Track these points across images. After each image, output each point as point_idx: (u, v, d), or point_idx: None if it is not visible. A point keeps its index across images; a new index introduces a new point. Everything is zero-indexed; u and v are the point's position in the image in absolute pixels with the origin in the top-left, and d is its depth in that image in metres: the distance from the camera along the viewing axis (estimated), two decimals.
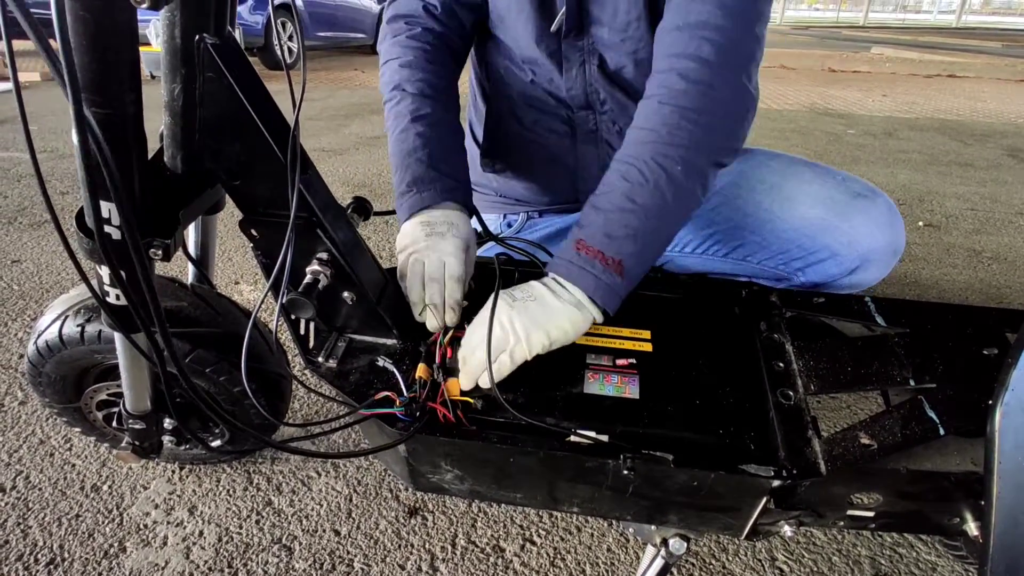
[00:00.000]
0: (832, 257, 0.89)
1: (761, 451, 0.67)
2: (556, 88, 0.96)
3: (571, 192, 1.08)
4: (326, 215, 0.70)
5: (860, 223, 0.88)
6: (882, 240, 0.88)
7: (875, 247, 0.88)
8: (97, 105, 0.51)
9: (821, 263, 0.91)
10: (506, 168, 1.08)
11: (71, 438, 1.12)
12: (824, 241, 0.90)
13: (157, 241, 0.62)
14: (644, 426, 0.69)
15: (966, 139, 3.75)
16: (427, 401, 0.70)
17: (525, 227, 1.14)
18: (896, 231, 0.89)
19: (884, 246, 0.88)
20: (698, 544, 0.92)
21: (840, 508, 0.69)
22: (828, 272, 0.91)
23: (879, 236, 0.88)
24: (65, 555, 0.90)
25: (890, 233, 0.88)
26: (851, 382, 0.71)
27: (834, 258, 0.89)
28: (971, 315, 0.76)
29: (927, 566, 0.90)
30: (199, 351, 0.85)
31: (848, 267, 0.89)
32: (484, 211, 1.15)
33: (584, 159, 1.03)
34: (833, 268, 0.90)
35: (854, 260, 0.89)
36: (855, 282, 0.92)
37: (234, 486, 1.02)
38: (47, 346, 0.86)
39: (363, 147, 3.20)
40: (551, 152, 1.03)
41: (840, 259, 0.89)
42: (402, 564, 0.89)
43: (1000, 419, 0.57)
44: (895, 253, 0.90)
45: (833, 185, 0.92)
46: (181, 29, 0.56)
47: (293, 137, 0.64)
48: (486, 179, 1.13)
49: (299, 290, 0.69)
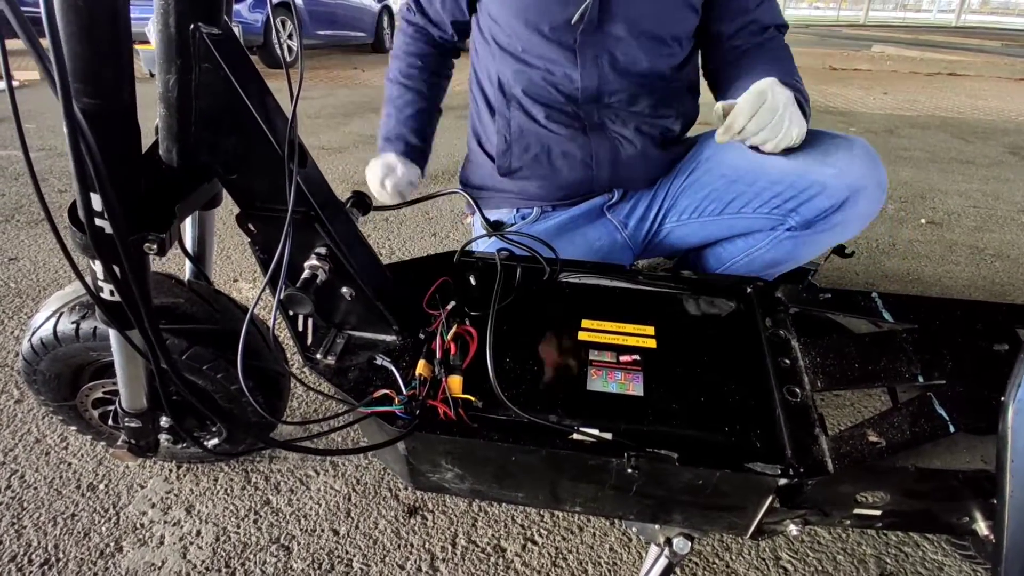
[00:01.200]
0: (823, 191, 0.93)
1: (767, 449, 0.66)
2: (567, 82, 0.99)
3: (585, 185, 1.10)
4: (324, 209, 0.69)
5: (843, 157, 0.93)
6: (865, 170, 0.92)
7: (860, 177, 0.92)
8: (89, 96, 0.50)
9: (812, 199, 0.95)
10: (522, 170, 1.10)
11: (67, 436, 1.10)
12: (813, 177, 0.94)
13: (152, 235, 0.61)
14: (648, 424, 0.68)
15: (967, 137, 3.74)
16: (427, 399, 0.69)
17: (540, 219, 1.14)
18: (877, 166, 0.93)
19: (869, 175, 0.92)
20: (701, 543, 0.91)
21: (847, 507, 0.68)
22: (820, 207, 0.94)
23: (863, 167, 0.92)
24: (60, 555, 0.89)
25: (872, 166, 0.93)
26: (858, 379, 0.70)
27: (824, 191, 0.93)
28: (980, 311, 0.75)
29: (934, 565, 0.89)
30: (196, 348, 0.83)
31: (839, 198, 0.93)
32: (497, 207, 1.17)
33: (597, 151, 1.05)
34: (824, 202, 0.94)
35: (843, 191, 0.92)
36: (847, 218, 0.95)
37: (232, 485, 1.01)
38: (42, 343, 0.84)
39: (363, 145, 3.19)
40: (565, 148, 1.05)
41: (830, 191, 0.93)
42: (401, 564, 0.88)
43: (1013, 416, 0.56)
44: (880, 186, 0.94)
45: (814, 134, 0.98)
46: (175, 18, 0.55)
47: (291, 129, 0.63)
48: (501, 183, 1.14)
49: (297, 285, 0.68)
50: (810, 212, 0.96)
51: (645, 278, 0.88)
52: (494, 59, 1.03)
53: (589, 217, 1.12)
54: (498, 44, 1.01)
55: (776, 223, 1.00)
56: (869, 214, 0.96)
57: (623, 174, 1.09)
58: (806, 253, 1.03)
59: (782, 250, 1.02)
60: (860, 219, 0.96)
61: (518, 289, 0.85)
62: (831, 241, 1.00)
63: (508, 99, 1.03)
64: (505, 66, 1.01)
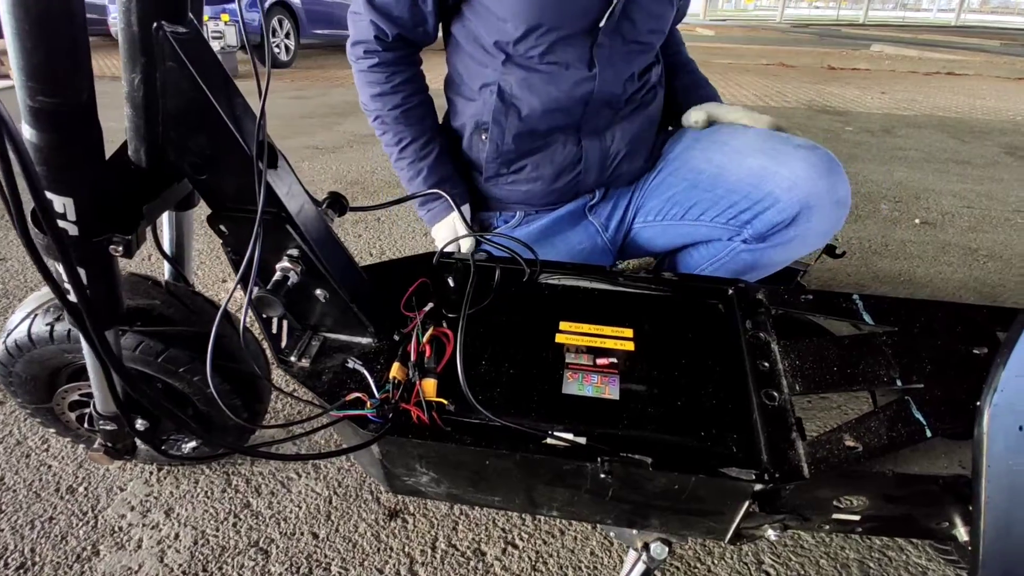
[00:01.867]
0: (774, 204, 0.91)
1: (744, 454, 0.65)
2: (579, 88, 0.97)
3: (572, 191, 1.09)
4: (296, 211, 0.68)
5: (799, 168, 0.90)
6: (821, 185, 0.89)
7: (814, 192, 0.89)
8: (45, 94, 0.49)
9: (765, 212, 0.93)
10: (510, 176, 1.08)
11: (49, 439, 1.10)
12: (767, 188, 0.92)
13: (117, 237, 0.60)
14: (623, 428, 0.67)
15: (964, 137, 3.73)
16: (400, 402, 0.68)
17: (522, 223, 1.13)
18: (836, 179, 0.90)
19: (824, 191, 0.89)
20: (683, 548, 0.91)
21: (825, 512, 0.67)
22: (771, 220, 0.92)
23: (818, 181, 0.89)
24: (36, 559, 0.88)
25: (829, 179, 0.90)
26: (837, 382, 0.69)
27: (776, 205, 0.91)
28: (961, 313, 0.74)
29: (917, 570, 0.88)
30: (171, 350, 0.82)
31: (789, 214, 0.91)
32: (480, 209, 1.15)
33: (588, 153, 1.04)
34: (775, 216, 0.92)
35: (794, 206, 0.90)
36: (800, 233, 0.92)
37: (212, 488, 1.00)
38: (16, 345, 0.84)
39: (356, 144, 3.18)
40: (559, 154, 1.04)
41: (781, 206, 0.91)
42: (380, 568, 0.87)
43: (988, 421, 0.55)
44: (838, 203, 0.91)
45: (778, 140, 0.96)
46: (138, 16, 0.54)
47: (260, 129, 0.62)
48: (484, 188, 1.11)
49: (267, 287, 0.67)
50: (763, 226, 0.94)
51: (625, 280, 0.87)
52: (493, 68, 0.98)
53: (571, 220, 1.10)
54: (503, 49, 0.95)
55: (732, 234, 0.99)
56: (825, 231, 0.93)
57: (611, 173, 1.08)
58: (769, 265, 1.01)
59: (741, 263, 1.01)
60: (817, 235, 0.93)
61: (496, 291, 0.85)
62: (789, 256, 0.98)
63: (507, 107, 0.98)
64: (510, 74, 0.96)
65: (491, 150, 1.03)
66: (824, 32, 14.39)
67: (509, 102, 0.98)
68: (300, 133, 3.37)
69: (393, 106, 1.01)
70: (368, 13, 0.95)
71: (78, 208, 0.57)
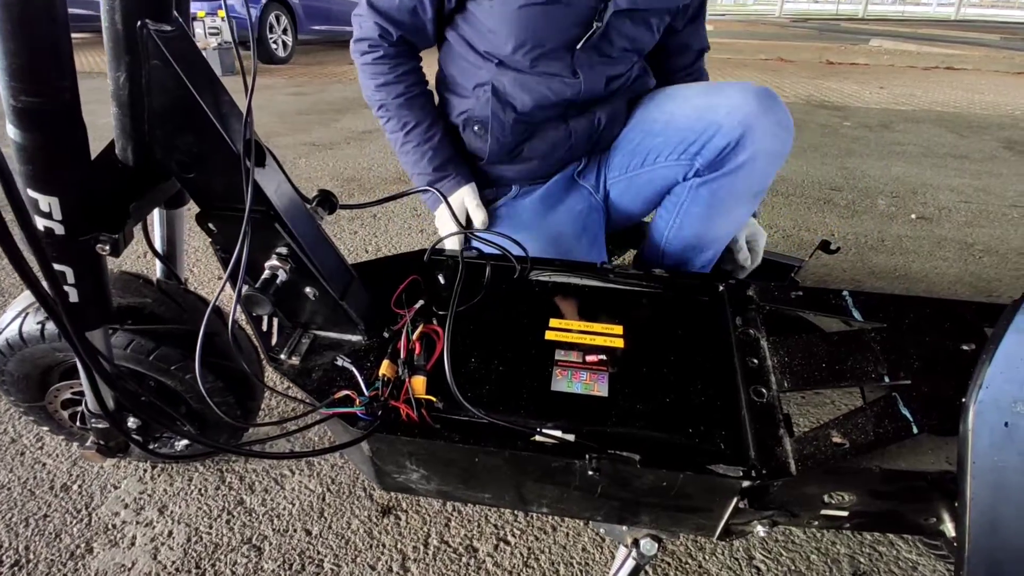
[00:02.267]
0: (718, 131, 0.97)
1: (732, 450, 0.65)
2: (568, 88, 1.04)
3: (564, 162, 1.17)
4: (285, 209, 0.68)
5: (736, 95, 0.97)
6: (758, 107, 0.94)
7: (752, 113, 0.94)
8: (27, 95, 0.49)
9: (711, 139, 0.98)
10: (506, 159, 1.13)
11: (43, 437, 1.10)
12: (709, 118, 0.98)
13: (104, 236, 0.60)
14: (612, 425, 0.68)
15: (962, 131, 3.72)
16: (390, 399, 0.68)
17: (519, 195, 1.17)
18: (773, 103, 0.96)
19: (761, 112, 0.94)
20: (674, 544, 0.91)
21: (814, 508, 0.67)
22: (718, 146, 0.97)
23: (755, 104, 0.95)
24: (30, 556, 0.88)
25: (766, 103, 0.95)
26: (825, 379, 0.69)
27: (720, 131, 0.97)
28: (950, 309, 0.74)
29: (907, 565, 0.89)
30: (162, 348, 0.83)
31: (734, 136, 0.95)
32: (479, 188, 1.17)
33: (577, 128, 1.10)
34: (721, 140, 0.97)
35: (736, 128, 0.95)
36: (749, 156, 0.97)
37: (206, 485, 1.00)
38: (7, 344, 0.84)
39: (354, 141, 3.17)
40: (552, 135, 1.10)
41: (724, 130, 0.96)
42: (373, 564, 0.88)
43: (974, 417, 0.55)
44: (779, 124, 0.96)
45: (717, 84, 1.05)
46: (122, 15, 0.54)
47: (247, 127, 0.62)
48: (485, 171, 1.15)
49: (256, 286, 0.67)
50: (711, 152, 0.99)
51: (616, 276, 0.87)
52: (487, 70, 1.03)
53: (565, 186, 1.16)
54: (495, 56, 1.02)
55: (686, 169, 1.03)
56: (773, 151, 0.97)
57: (598, 143, 1.16)
58: (731, 202, 1.03)
59: (702, 201, 1.04)
60: (766, 157, 0.97)
61: (486, 288, 0.85)
62: (746, 185, 1.01)
63: (503, 104, 1.04)
64: (504, 75, 1.03)
65: (492, 143, 1.08)
66: (823, 27, 14.35)
67: (504, 100, 1.04)
68: (297, 130, 3.37)
69: (397, 94, 1.05)
70: (372, 16, 1.00)
71: (64, 207, 0.57)
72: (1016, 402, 0.54)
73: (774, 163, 0.99)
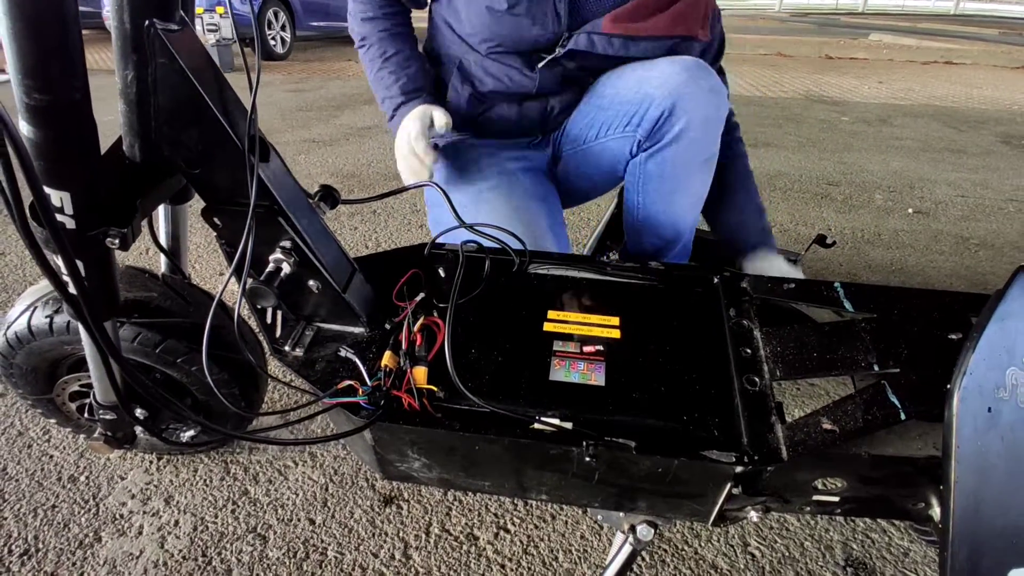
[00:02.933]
0: (652, 102, 1.00)
1: (725, 437, 0.67)
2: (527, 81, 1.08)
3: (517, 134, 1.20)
4: (288, 204, 0.70)
5: (665, 68, 1.00)
6: (686, 76, 0.97)
7: (681, 82, 0.97)
8: (40, 92, 0.50)
9: (647, 111, 1.01)
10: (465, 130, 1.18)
11: (49, 429, 1.12)
12: (645, 90, 1.01)
13: (113, 230, 0.62)
14: (609, 413, 0.69)
15: (960, 126, 3.73)
16: (392, 389, 0.70)
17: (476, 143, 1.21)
18: (701, 71, 0.98)
19: (690, 80, 0.97)
20: (670, 531, 0.93)
21: (805, 494, 0.69)
22: (653, 116, 1.00)
23: (683, 73, 0.97)
24: (40, 545, 0.90)
25: (694, 72, 0.98)
26: (817, 368, 0.71)
27: (653, 102, 0.99)
28: (938, 300, 0.76)
29: (899, 551, 0.90)
30: (169, 341, 0.84)
31: (666, 106, 0.98)
32: None
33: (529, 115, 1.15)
34: (655, 111, 1.00)
35: (668, 98, 0.98)
36: (685, 125, 0.99)
37: (211, 476, 1.02)
38: (16, 337, 0.85)
39: (354, 137, 3.18)
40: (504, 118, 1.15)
41: (657, 101, 0.99)
42: (375, 552, 0.89)
43: (958, 404, 0.57)
44: (711, 90, 0.98)
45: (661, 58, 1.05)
46: (130, 14, 0.56)
47: (251, 123, 0.64)
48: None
49: (260, 279, 0.68)
50: (648, 123, 1.01)
51: (613, 269, 0.89)
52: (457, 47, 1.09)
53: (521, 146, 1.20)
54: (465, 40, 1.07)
55: (631, 143, 1.06)
56: (707, 116, 0.99)
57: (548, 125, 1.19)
58: (682, 172, 1.05)
59: (654, 175, 1.06)
60: (702, 123, 0.99)
61: (486, 281, 0.86)
62: (690, 153, 1.03)
63: (464, 79, 1.10)
64: (470, 55, 1.08)
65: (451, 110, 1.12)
66: (823, 21, 14.33)
67: (467, 76, 1.10)
68: (297, 126, 3.38)
69: (382, 29, 1.10)
70: None
71: (75, 202, 0.59)
72: (998, 388, 0.56)
73: (712, 128, 1.02)
